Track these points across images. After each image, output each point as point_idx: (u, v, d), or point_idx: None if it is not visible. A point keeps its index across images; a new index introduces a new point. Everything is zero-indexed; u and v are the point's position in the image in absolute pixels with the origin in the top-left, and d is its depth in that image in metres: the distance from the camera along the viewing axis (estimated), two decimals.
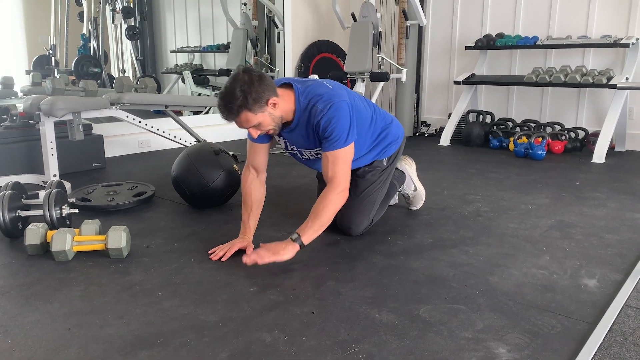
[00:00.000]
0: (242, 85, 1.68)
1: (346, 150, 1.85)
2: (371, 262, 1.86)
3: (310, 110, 1.84)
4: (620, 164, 3.62)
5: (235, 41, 5.48)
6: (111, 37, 5.93)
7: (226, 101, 1.71)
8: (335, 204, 1.83)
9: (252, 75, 1.71)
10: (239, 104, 1.69)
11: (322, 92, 1.85)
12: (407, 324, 1.41)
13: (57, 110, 2.71)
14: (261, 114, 1.75)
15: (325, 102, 1.82)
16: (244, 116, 1.73)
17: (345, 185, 1.85)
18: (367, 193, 2.11)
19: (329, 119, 1.81)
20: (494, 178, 3.22)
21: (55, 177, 2.84)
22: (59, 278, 1.73)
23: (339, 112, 1.82)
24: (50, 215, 2.06)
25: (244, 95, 1.68)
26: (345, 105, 1.84)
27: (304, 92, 1.86)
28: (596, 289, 1.64)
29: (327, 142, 1.84)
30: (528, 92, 4.61)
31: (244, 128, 1.81)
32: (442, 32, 5.06)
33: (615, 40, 3.87)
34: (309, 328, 1.39)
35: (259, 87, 1.70)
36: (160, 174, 3.25)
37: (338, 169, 1.84)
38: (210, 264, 1.84)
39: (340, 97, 1.85)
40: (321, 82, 1.93)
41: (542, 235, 2.16)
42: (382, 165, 2.17)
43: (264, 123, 1.78)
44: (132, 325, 1.41)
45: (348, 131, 1.84)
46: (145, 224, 2.31)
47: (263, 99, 1.72)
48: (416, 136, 5.05)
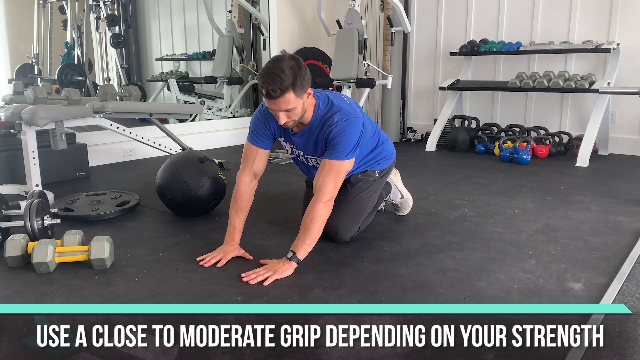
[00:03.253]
0: (292, 66, 1.73)
1: (344, 163, 1.89)
2: (358, 269, 1.85)
3: (327, 120, 1.90)
4: (603, 168, 3.66)
5: (221, 48, 5.46)
6: (96, 45, 5.87)
7: (276, 76, 1.71)
8: (322, 216, 1.84)
9: (299, 62, 1.77)
10: (289, 82, 1.72)
11: (341, 105, 1.92)
12: None
13: (38, 119, 2.67)
14: (299, 100, 1.79)
15: (343, 114, 1.89)
16: (288, 96, 1.74)
17: (332, 196, 1.87)
18: (357, 200, 2.12)
19: (341, 130, 1.86)
20: (480, 183, 3.23)
21: (38, 187, 2.79)
22: (40, 290, 1.69)
23: (352, 127, 1.88)
24: (32, 226, 2.02)
25: (294, 76, 1.72)
26: (360, 122, 1.91)
27: (325, 102, 1.93)
28: (582, 292, 1.65)
29: (330, 150, 1.89)
30: (512, 97, 4.66)
31: (275, 110, 1.79)
32: (426, 39, 5.09)
33: (596, 45, 3.93)
34: None
35: (305, 74, 1.77)
36: (145, 183, 3.21)
37: (330, 178, 1.86)
38: (195, 274, 1.82)
39: (357, 114, 1.92)
40: (340, 95, 1.99)
41: (528, 239, 2.17)
42: (374, 176, 2.19)
43: (297, 109, 1.80)
44: None
45: (353, 147, 1.89)
46: (129, 234, 2.28)
47: (305, 86, 1.78)
48: (402, 142, 5.07)
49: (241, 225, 2.00)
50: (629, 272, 1.79)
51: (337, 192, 1.90)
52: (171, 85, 5.82)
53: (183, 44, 6.29)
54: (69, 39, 5.55)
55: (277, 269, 1.77)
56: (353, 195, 2.12)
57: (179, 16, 6.29)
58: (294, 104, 1.77)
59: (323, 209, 1.84)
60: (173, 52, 6.32)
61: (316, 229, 1.83)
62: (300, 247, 1.81)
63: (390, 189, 2.44)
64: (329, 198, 1.86)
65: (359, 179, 2.15)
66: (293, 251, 1.81)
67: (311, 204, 1.85)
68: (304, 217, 1.85)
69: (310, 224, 1.82)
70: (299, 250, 1.81)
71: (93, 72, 5.75)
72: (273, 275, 1.74)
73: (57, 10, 5.45)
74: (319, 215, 1.83)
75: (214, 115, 5.38)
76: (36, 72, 5.27)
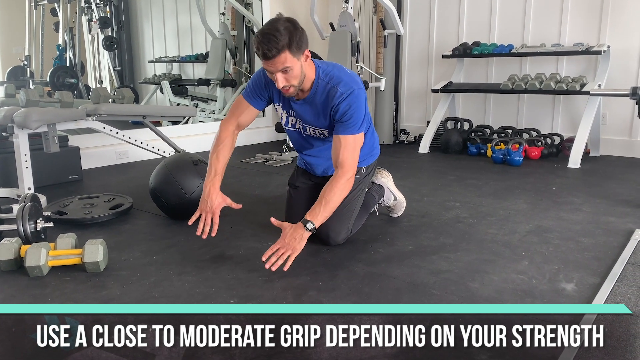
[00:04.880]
0: (287, 26, 1.73)
1: (358, 137, 1.91)
2: (352, 271, 1.86)
3: (330, 90, 1.89)
4: (595, 169, 3.69)
5: (214, 51, 5.46)
6: (88, 47, 5.85)
7: (271, 36, 1.71)
8: (344, 189, 1.87)
9: (295, 23, 1.77)
10: (285, 42, 1.71)
11: (342, 75, 1.91)
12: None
13: (31, 122, 2.66)
14: (296, 60, 1.78)
15: (347, 86, 1.88)
16: (284, 55, 1.73)
17: (353, 172, 1.90)
18: (347, 201, 2.09)
19: (349, 104, 1.86)
20: (473, 184, 3.25)
21: (30, 190, 2.77)
22: (33, 294, 1.69)
23: (359, 99, 1.89)
24: (24, 229, 2.01)
25: (290, 36, 1.72)
26: (363, 93, 1.92)
27: (325, 71, 1.92)
28: (574, 293, 1.66)
29: (342, 126, 1.89)
30: (504, 99, 4.69)
31: (273, 71, 1.78)
32: (419, 41, 5.12)
33: (587, 48, 3.96)
34: None
35: (302, 35, 1.76)
36: (139, 186, 3.20)
37: (348, 154, 1.88)
38: (189, 277, 1.82)
39: (359, 85, 1.92)
40: (340, 66, 1.98)
41: (521, 240, 2.19)
42: (361, 173, 2.18)
43: (295, 71, 1.79)
44: None
45: (362, 119, 1.91)
46: (122, 237, 2.27)
47: (302, 47, 1.78)
48: (395, 144, 5.08)
49: (222, 170, 2.00)
50: (620, 273, 1.80)
51: (356, 168, 1.93)
52: (164, 88, 5.80)
53: (176, 46, 6.28)
54: (61, 42, 5.52)
55: (294, 246, 1.77)
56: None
57: (171, 18, 6.28)
58: (291, 63, 1.76)
59: (346, 183, 1.87)
60: (166, 55, 6.31)
61: (336, 202, 1.86)
62: (319, 217, 1.83)
63: (383, 192, 2.44)
64: (351, 174, 1.88)
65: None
66: (312, 220, 1.82)
67: (333, 178, 1.87)
68: (326, 188, 1.86)
69: (331, 197, 1.84)
70: (317, 219, 1.83)
71: (85, 74, 5.72)
72: (293, 255, 1.76)
73: (49, 13, 5.43)
74: (341, 189, 1.86)
75: (207, 118, 5.37)
76: (28, 75, 5.24)
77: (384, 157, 2.31)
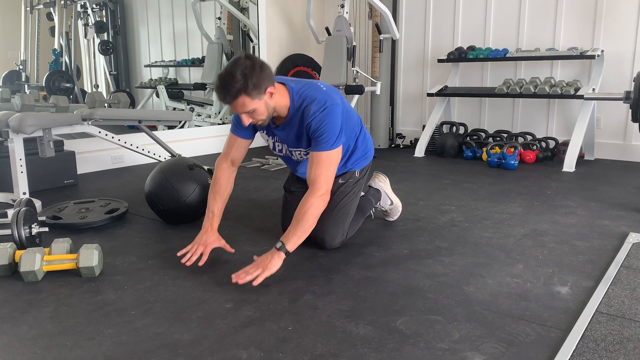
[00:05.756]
0: (244, 69, 1.68)
1: (332, 153, 1.86)
2: (348, 275, 1.86)
3: (304, 110, 1.86)
4: (589, 172, 3.71)
5: (210, 55, 5.47)
6: (84, 52, 5.84)
7: (226, 82, 1.69)
8: (316, 208, 1.82)
9: (254, 61, 1.72)
10: (239, 87, 1.68)
11: (315, 94, 1.88)
12: (384, 336, 1.41)
13: (26, 126, 2.65)
14: (258, 101, 1.75)
15: (319, 104, 1.85)
16: (241, 100, 1.72)
17: (327, 189, 1.85)
18: (341, 205, 2.11)
19: (321, 120, 1.83)
20: (468, 188, 3.26)
21: (25, 195, 2.76)
22: (27, 299, 1.68)
23: (332, 115, 1.84)
24: (19, 234, 2.00)
25: (245, 79, 1.68)
26: (338, 108, 1.87)
27: (298, 92, 1.89)
28: (569, 296, 1.66)
29: (315, 142, 1.86)
30: (500, 103, 4.71)
31: (237, 112, 1.79)
32: (414, 46, 5.14)
33: (581, 52, 3.99)
34: (285, 344, 1.38)
35: (260, 74, 1.71)
36: (134, 190, 3.20)
37: (321, 170, 1.84)
38: (185, 281, 1.81)
39: (333, 100, 1.88)
40: (315, 83, 1.95)
41: (516, 243, 2.19)
42: (355, 177, 2.18)
43: (258, 111, 1.78)
44: (104, 345, 1.38)
45: (337, 135, 1.86)
46: (118, 242, 2.26)
47: (262, 86, 1.73)
48: (391, 148, 5.09)
49: (220, 211, 2.00)
50: (614, 276, 1.81)
51: (331, 184, 1.88)
52: (160, 92, 5.81)
53: (172, 51, 6.28)
54: (56, 46, 5.51)
55: (265, 265, 1.73)
56: (337, 201, 2.11)
57: (167, 23, 6.28)
58: (251, 107, 1.74)
59: (318, 201, 1.82)
60: (162, 59, 6.31)
61: (309, 222, 1.81)
62: (291, 239, 1.78)
63: (380, 196, 2.45)
64: (323, 191, 1.84)
65: (340, 183, 2.14)
66: (282, 241, 1.78)
67: (306, 196, 1.83)
68: (297, 208, 1.82)
69: (302, 216, 1.79)
70: (288, 241, 1.78)
71: (81, 79, 5.72)
72: (262, 273, 1.71)
73: (45, 17, 5.42)
74: (313, 208, 1.81)
75: (203, 122, 5.37)
76: (23, 79, 5.23)
77: (380, 161, 2.32)
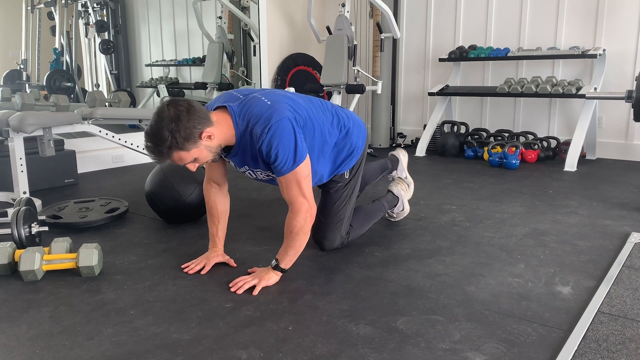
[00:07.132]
0: (168, 123, 1.52)
1: (297, 170, 1.69)
2: (348, 275, 1.85)
3: (251, 133, 1.67)
4: (591, 172, 3.70)
5: (211, 54, 5.46)
6: (84, 51, 5.84)
7: (155, 143, 1.55)
8: (302, 227, 1.74)
9: (178, 109, 1.55)
10: (169, 145, 1.54)
11: (259, 112, 1.67)
12: (384, 336, 1.41)
13: (26, 125, 2.65)
14: (195, 150, 1.60)
15: (263, 124, 1.64)
16: (177, 155, 1.58)
17: (307, 206, 1.73)
18: (334, 211, 2.05)
19: (269, 143, 1.64)
20: (469, 188, 3.25)
21: (25, 194, 2.76)
22: (27, 299, 1.67)
23: (278, 132, 1.64)
24: (19, 233, 2.00)
25: (172, 135, 1.52)
26: (286, 122, 1.66)
27: (240, 114, 1.69)
28: (570, 296, 1.66)
29: (274, 169, 1.71)
30: (501, 103, 4.70)
31: (179, 164, 1.67)
32: (415, 45, 5.13)
33: (583, 51, 3.98)
34: (285, 344, 1.37)
35: (188, 123, 1.54)
36: (134, 189, 3.19)
37: (294, 192, 1.71)
38: (184, 281, 1.81)
39: (279, 114, 1.66)
40: (258, 99, 1.73)
41: (517, 243, 2.18)
42: (344, 179, 2.06)
43: (200, 157, 1.63)
44: (103, 345, 1.37)
45: (294, 150, 1.66)
46: (118, 241, 2.26)
47: (194, 135, 1.56)
48: (392, 147, 5.08)
49: (219, 232, 1.96)
50: (616, 276, 1.80)
51: (311, 198, 1.74)
52: (161, 91, 5.80)
53: (173, 50, 6.28)
54: (57, 45, 5.51)
55: (262, 277, 1.75)
56: (329, 208, 2.05)
57: (168, 22, 6.27)
58: (191, 157, 1.61)
59: (302, 222, 1.73)
60: (163, 58, 6.30)
61: (299, 242, 1.76)
62: (284, 258, 1.77)
63: (396, 202, 2.43)
64: (304, 210, 1.72)
65: (329, 190, 2.07)
66: (277, 260, 1.78)
67: (289, 218, 1.74)
68: (285, 227, 1.77)
69: (292, 238, 1.75)
70: (282, 260, 1.77)
71: (82, 78, 5.72)
72: (260, 283, 1.72)
73: (46, 16, 5.42)
74: (297, 228, 1.73)
75: None
76: (24, 79, 5.23)
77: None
